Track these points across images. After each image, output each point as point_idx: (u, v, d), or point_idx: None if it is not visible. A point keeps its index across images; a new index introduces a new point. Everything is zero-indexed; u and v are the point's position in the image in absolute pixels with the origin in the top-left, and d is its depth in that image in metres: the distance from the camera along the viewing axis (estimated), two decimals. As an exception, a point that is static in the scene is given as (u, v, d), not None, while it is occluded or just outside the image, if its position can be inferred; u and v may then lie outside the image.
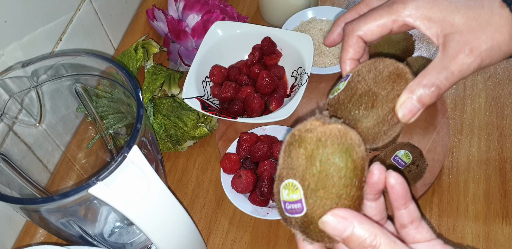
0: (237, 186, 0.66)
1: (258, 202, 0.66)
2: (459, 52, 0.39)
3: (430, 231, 0.39)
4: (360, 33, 0.42)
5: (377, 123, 0.39)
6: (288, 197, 0.35)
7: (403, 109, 0.38)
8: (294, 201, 0.35)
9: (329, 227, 0.33)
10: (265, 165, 0.67)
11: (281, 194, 0.36)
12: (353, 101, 0.39)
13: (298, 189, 0.35)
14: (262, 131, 0.72)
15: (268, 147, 0.67)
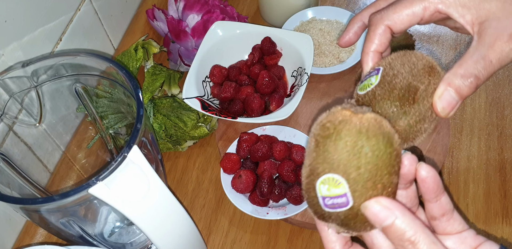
0: (237, 186, 0.66)
1: (258, 202, 0.66)
2: (497, 39, 0.36)
3: (462, 222, 0.37)
4: (389, 23, 0.39)
5: (419, 121, 0.37)
6: (328, 192, 0.34)
7: (442, 102, 0.36)
8: (337, 196, 0.34)
9: (370, 213, 0.32)
10: (265, 165, 0.67)
11: (319, 190, 0.34)
12: (394, 97, 0.37)
13: (341, 183, 0.33)
14: (262, 131, 0.72)
15: (268, 147, 0.67)
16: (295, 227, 0.68)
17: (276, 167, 0.68)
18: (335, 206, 0.34)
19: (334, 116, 0.34)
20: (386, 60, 0.38)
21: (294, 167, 0.66)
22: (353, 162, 0.33)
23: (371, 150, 0.33)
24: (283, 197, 0.66)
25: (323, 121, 0.34)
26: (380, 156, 0.33)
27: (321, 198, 0.35)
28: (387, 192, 0.34)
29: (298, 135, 0.71)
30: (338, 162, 0.33)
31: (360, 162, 0.33)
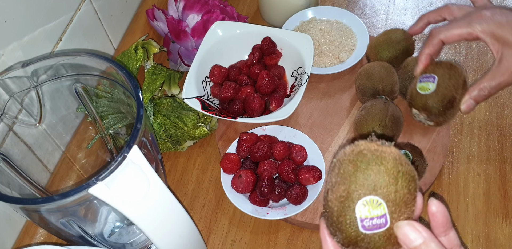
0: (237, 186, 0.66)
1: (258, 202, 0.66)
2: (508, 69, 0.53)
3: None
4: (442, 37, 0.57)
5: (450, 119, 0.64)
6: (369, 213, 0.36)
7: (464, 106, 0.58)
8: (377, 217, 0.36)
9: (402, 233, 0.35)
10: (265, 165, 0.67)
11: (358, 211, 0.36)
12: (443, 106, 0.61)
13: (381, 204, 0.36)
14: (262, 131, 0.72)
15: (268, 147, 0.67)
16: (295, 227, 0.68)
17: (276, 167, 0.68)
18: (374, 227, 0.36)
19: (367, 146, 0.37)
20: (439, 70, 0.59)
21: (294, 167, 0.66)
22: (392, 185, 0.36)
23: (404, 175, 0.36)
24: (283, 197, 0.66)
25: (358, 148, 0.37)
26: (410, 181, 0.36)
27: (359, 220, 0.36)
28: (414, 214, 0.37)
29: (298, 135, 0.71)
30: (379, 184, 0.36)
31: (398, 186, 0.36)
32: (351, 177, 0.36)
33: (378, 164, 0.36)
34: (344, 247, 0.38)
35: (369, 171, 0.36)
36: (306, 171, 0.66)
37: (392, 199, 0.36)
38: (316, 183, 0.66)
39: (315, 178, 0.66)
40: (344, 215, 0.36)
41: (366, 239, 0.36)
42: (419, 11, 0.90)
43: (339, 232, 0.37)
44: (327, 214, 0.38)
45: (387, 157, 0.36)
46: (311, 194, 0.65)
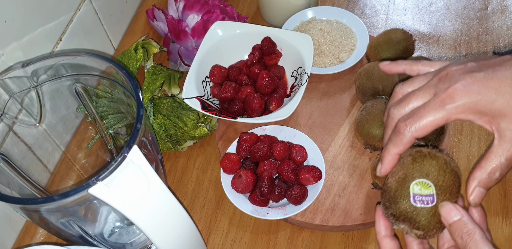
0: (237, 186, 0.66)
1: (258, 202, 0.66)
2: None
3: None
4: (415, 135, 0.47)
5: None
6: (420, 191, 0.46)
7: (474, 198, 0.46)
8: (426, 195, 0.45)
9: (445, 210, 0.43)
10: (265, 165, 0.67)
11: (412, 189, 0.46)
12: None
13: (431, 186, 0.46)
14: (262, 131, 0.72)
15: (268, 147, 0.67)
16: (295, 227, 0.68)
17: (276, 167, 0.68)
18: (423, 202, 0.45)
19: (426, 149, 0.48)
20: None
21: (294, 167, 0.66)
22: (441, 175, 0.46)
23: (451, 171, 0.47)
24: (283, 197, 0.66)
25: (417, 149, 0.48)
26: (455, 177, 0.47)
27: (412, 195, 0.46)
28: (456, 200, 0.47)
29: (298, 135, 0.71)
30: (431, 173, 0.46)
31: (445, 176, 0.46)
32: (410, 165, 0.47)
33: (431, 159, 0.47)
34: (395, 218, 0.47)
35: (425, 162, 0.47)
36: (306, 171, 0.66)
37: (440, 185, 0.46)
38: (316, 183, 0.66)
39: (315, 178, 0.65)
40: (400, 191, 0.46)
41: (415, 211, 0.45)
42: (419, 11, 0.90)
43: (394, 204, 0.46)
44: (385, 193, 0.48)
45: (439, 156, 0.47)
46: (311, 194, 0.65)
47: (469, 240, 0.41)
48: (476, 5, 0.90)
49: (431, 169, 0.46)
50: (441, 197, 0.45)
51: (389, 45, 0.76)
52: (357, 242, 0.66)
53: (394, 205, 0.46)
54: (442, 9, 0.90)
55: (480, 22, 0.88)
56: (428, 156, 0.47)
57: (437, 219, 0.45)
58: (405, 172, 0.47)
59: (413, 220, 0.45)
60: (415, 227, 0.46)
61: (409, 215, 0.45)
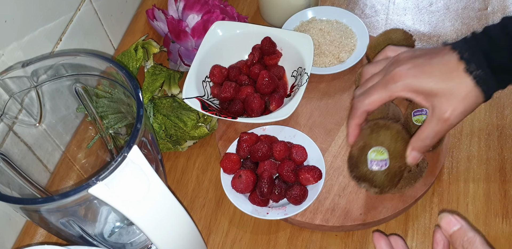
0: (237, 186, 0.66)
1: (258, 202, 0.66)
2: (441, 118, 0.54)
3: None
4: (365, 108, 0.57)
5: None
6: (375, 157, 0.56)
7: (409, 158, 0.57)
8: (381, 160, 0.56)
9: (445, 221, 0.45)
10: (265, 165, 0.67)
11: (369, 155, 0.56)
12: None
13: (384, 153, 0.56)
14: (262, 131, 0.72)
15: (268, 147, 0.67)
16: (295, 227, 0.68)
17: (276, 167, 0.68)
18: (379, 165, 0.56)
19: (382, 121, 0.58)
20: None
21: (294, 167, 0.66)
22: (392, 143, 0.56)
23: (402, 139, 0.57)
24: (283, 197, 0.66)
25: (378, 120, 0.59)
26: (405, 142, 0.57)
27: (369, 161, 0.56)
28: (405, 164, 0.57)
29: (298, 135, 0.71)
30: (385, 141, 0.57)
31: (396, 144, 0.57)
32: (368, 135, 0.57)
33: (386, 129, 0.57)
34: (358, 179, 0.58)
35: (380, 132, 0.57)
36: (306, 171, 0.66)
37: (392, 151, 0.56)
38: (316, 183, 0.66)
39: (315, 178, 0.65)
40: (360, 157, 0.57)
41: (372, 173, 0.56)
42: (419, 11, 0.90)
43: (356, 168, 0.58)
44: (349, 160, 0.59)
45: (393, 127, 0.57)
46: (311, 194, 0.65)
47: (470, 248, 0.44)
48: (476, 5, 0.90)
49: (385, 138, 0.57)
50: (393, 160, 0.56)
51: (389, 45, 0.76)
52: (357, 242, 0.66)
53: (356, 169, 0.58)
54: (442, 9, 0.90)
55: (480, 22, 0.88)
56: (383, 127, 0.57)
57: (389, 179, 0.57)
58: (364, 141, 0.57)
59: (371, 180, 0.57)
60: (372, 186, 0.57)
61: (368, 176, 0.57)
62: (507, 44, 0.53)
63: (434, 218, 0.68)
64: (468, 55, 0.53)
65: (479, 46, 0.53)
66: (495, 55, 0.53)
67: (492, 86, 0.53)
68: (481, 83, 0.52)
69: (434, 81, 0.53)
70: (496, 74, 0.53)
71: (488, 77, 0.52)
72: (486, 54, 0.53)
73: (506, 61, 0.53)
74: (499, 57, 0.53)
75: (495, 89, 0.54)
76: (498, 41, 0.53)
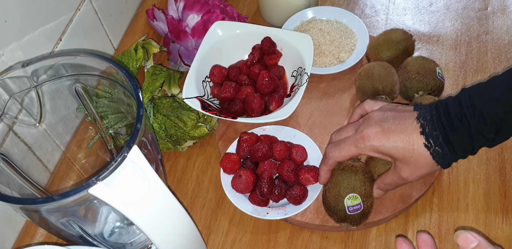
0: (237, 186, 0.66)
1: (258, 202, 0.66)
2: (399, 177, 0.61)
3: None
4: (336, 160, 0.63)
5: None
6: (351, 203, 0.62)
7: (375, 193, 0.65)
8: (355, 205, 0.62)
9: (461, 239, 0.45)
10: (265, 165, 0.67)
11: (346, 203, 0.63)
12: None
13: (358, 198, 0.63)
14: (262, 131, 0.72)
15: (268, 147, 0.67)
16: (295, 227, 0.68)
17: (276, 167, 0.68)
18: (354, 210, 0.63)
19: (347, 163, 0.65)
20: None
21: (294, 167, 0.66)
22: (362, 186, 0.63)
23: (368, 179, 0.64)
24: (283, 197, 0.66)
25: (341, 165, 0.65)
26: (371, 183, 0.65)
27: (347, 207, 0.63)
28: (373, 199, 0.65)
29: (298, 135, 0.71)
30: (355, 187, 0.63)
31: (365, 186, 0.64)
32: (339, 183, 0.64)
33: (354, 175, 0.64)
34: (338, 221, 0.64)
35: (351, 179, 0.63)
36: (306, 171, 0.66)
37: (363, 194, 0.63)
38: (316, 183, 0.66)
39: (315, 178, 0.66)
40: (337, 205, 0.63)
41: (351, 217, 0.63)
42: (419, 11, 0.90)
43: (335, 214, 0.64)
44: (326, 205, 0.65)
45: (359, 171, 0.64)
46: (311, 194, 0.65)
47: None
48: (476, 5, 0.90)
49: (355, 183, 0.63)
50: (365, 201, 0.63)
51: (389, 45, 0.76)
52: (357, 242, 0.66)
53: (335, 214, 0.64)
54: (442, 9, 0.90)
55: (480, 22, 0.88)
56: (352, 172, 0.64)
57: (364, 215, 0.63)
58: (338, 190, 0.63)
59: (350, 221, 0.63)
60: (351, 224, 0.63)
61: (346, 219, 0.63)
62: (465, 126, 0.56)
63: (434, 218, 0.68)
64: (429, 130, 0.57)
65: (440, 121, 0.57)
66: (452, 135, 0.56)
67: (448, 160, 0.58)
68: (437, 158, 0.58)
69: (396, 150, 0.59)
70: (454, 151, 0.57)
71: (445, 154, 0.57)
72: (445, 132, 0.57)
73: (462, 142, 0.57)
74: (457, 138, 0.57)
75: (453, 161, 0.59)
76: (455, 121, 0.56)
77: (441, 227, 0.67)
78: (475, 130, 0.56)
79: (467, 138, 0.57)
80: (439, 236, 0.66)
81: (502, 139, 0.57)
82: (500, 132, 0.56)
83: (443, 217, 0.68)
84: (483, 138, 0.57)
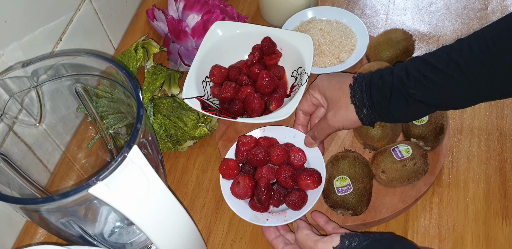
0: (236, 192, 0.65)
1: (258, 207, 0.65)
2: (329, 126, 0.65)
3: None
4: (301, 109, 0.69)
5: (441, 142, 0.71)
6: (340, 184, 0.65)
7: (305, 141, 0.69)
8: (344, 186, 0.65)
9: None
10: (263, 171, 0.66)
11: (335, 184, 0.65)
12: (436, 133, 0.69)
13: (346, 179, 0.65)
14: (261, 133, 0.71)
15: (265, 153, 0.66)
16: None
17: (274, 172, 0.66)
18: (344, 191, 0.65)
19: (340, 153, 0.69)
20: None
21: (292, 172, 0.65)
22: (352, 169, 0.66)
23: (359, 164, 0.67)
24: (282, 202, 0.65)
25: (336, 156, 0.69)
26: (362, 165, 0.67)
27: (336, 189, 0.65)
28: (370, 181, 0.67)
29: (298, 135, 0.70)
30: (344, 169, 0.66)
31: (355, 169, 0.66)
32: (330, 168, 0.67)
33: (343, 159, 0.67)
34: (332, 207, 0.66)
35: (339, 163, 0.67)
36: (305, 177, 0.64)
37: (352, 176, 0.65)
38: (316, 188, 0.65)
39: (315, 184, 0.64)
40: (328, 188, 0.66)
41: (342, 198, 0.65)
42: (419, 11, 0.90)
43: (328, 198, 0.66)
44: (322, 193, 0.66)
45: (349, 156, 0.67)
46: (311, 199, 0.64)
47: None
48: (476, 5, 0.90)
49: (344, 166, 0.66)
50: (355, 183, 0.65)
51: (389, 45, 0.76)
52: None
53: (328, 199, 0.66)
54: (442, 9, 0.90)
55: (480, 22, 0.88)
56: (341, 158, 0.67)
57: (358, 199, 0.64)
58: (329, 174, 0.66)
59: (344, 205, 0.64)
60: (346, 209, 0.64)
61: (339, 202, 0.65)
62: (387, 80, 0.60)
63: (434, 218, 0.68)
64: (357, 85, 0.63)
65: (369, 79, 0.62)
66: (374, 88, 0.61)
67: (367, 114, 0.62)
68: (358, 110, 0.62)
69: (330, 93, 0.64)
70: (372, 103, 0.61)
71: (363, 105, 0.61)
72: (370, 86, 0.61)
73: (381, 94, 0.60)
74: (377, 91, 0.61)
75: (373, 119, 0.62)
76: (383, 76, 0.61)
77: (441, 227, 0.67)
78: (398, 82, 0.59)
79: (388, 92, 0.59)
80: (439, 236, 0.66)
81: (421, 97, 0.58)
82: (420, 88, 0.58)
83: (443, 217, 0.68)
84: (403, 92, 0.59)
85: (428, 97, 0.58)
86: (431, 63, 0.58)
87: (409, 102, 0.59)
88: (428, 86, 0.57)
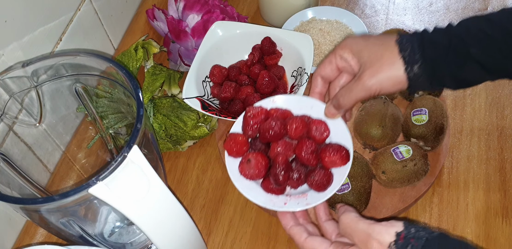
0: (246, 172, 0.57)
1: (273, 189, 0.56)
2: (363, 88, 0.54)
3: None
4: (321, 74, 0.59)
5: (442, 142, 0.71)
6: None
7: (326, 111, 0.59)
8: (343, 184, 0.64)
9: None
10: (279, 146, 0.57)
11: None
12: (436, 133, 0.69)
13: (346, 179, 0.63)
14: (272, 103, 0.61)
15: (281, 125, 0.57)
16: (295, 227, 0.68)
17: (292, 148, 0.57)
18: (342, 189, 0.65)
19: None
20: (427, 103, 0.70)
21: (315, 148, 0.56)
22: (351, 169, 0.58)
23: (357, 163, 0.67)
24: (303, 182, 0.57)
25: None
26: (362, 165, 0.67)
27: None
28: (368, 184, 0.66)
29: (317, 105, 0.60)
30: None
31: (354, 168, 0.65)
32: None
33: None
34: (332, 205, 0.65)
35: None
36: (331, 153, 0.55)
37: (351, 175, 0.65)
38: (343, 166, 0.56)
39: (343, 160, 0.55)
40: None
41: (341, 197, 0.65)
42: (419, 11, 0.90)
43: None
44: None
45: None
46: (337, 179, 0.55)
47: None
48: (476, 5, 0.90)
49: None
50: (354, 182, 0.65)
51: (389, 45, 0.76)
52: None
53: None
54: (442, 9, 0.90)
55: (480, 22, 0.88)
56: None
57: (356, 198, 0.64)
58: None
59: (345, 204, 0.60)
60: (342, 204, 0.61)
61: (337, 201, 0.65)
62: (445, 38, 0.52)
63: (434, 218, 0.68)
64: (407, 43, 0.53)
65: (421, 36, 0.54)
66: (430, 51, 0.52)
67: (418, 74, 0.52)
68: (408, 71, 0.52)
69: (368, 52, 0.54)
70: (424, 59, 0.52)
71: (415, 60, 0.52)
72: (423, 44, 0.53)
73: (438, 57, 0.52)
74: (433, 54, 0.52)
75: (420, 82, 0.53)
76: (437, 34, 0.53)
77: (441, 227, 0.67)
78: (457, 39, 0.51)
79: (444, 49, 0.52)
80: (439, 236, 0.66)
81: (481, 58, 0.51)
82: (482, 47, 0.51)
83: (443, 217, 0.68)
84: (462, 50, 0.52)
85: (489, 59, 0.51)
86: (495, 21, 0.51)
87: (467, 63, 0.51)
88: (492, 45, 0.50)
